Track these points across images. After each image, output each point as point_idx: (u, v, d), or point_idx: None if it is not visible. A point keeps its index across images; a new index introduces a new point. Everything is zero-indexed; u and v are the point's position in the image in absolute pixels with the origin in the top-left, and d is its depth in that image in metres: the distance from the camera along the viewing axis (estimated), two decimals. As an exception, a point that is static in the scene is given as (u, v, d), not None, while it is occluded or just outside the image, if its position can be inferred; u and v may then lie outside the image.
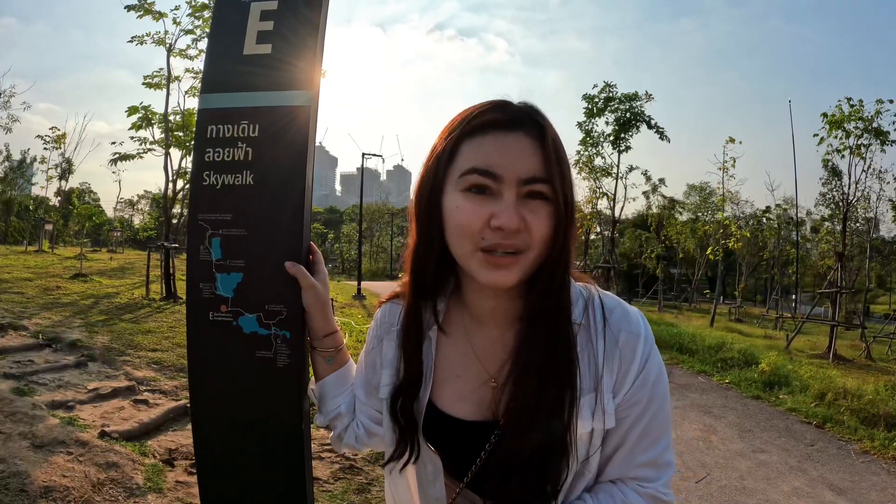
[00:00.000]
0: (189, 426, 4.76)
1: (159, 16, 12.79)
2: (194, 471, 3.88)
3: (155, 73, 13.50)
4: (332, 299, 1.31)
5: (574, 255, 0.98)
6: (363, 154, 23.68)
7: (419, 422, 1.04)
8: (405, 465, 1.05)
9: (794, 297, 31.02)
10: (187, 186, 13.73)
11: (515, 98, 0.96)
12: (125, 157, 14.23)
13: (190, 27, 12.91)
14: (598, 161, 21.16)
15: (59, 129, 26.92)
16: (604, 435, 0.98)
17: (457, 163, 0.93)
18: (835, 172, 15.61)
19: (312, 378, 1.31)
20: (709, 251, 20.69)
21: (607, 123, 20.79)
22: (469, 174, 0.90)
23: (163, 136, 13.36)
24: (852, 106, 13.74)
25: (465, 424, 1.02)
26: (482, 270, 0.91)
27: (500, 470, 0.96)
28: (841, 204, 15.01)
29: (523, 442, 0.94)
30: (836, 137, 14.08)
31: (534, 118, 0.92)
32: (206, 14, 12.41)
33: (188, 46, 13.13)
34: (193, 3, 12.61)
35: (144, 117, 13.40)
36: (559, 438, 0.93)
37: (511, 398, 0.96)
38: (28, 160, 33.88)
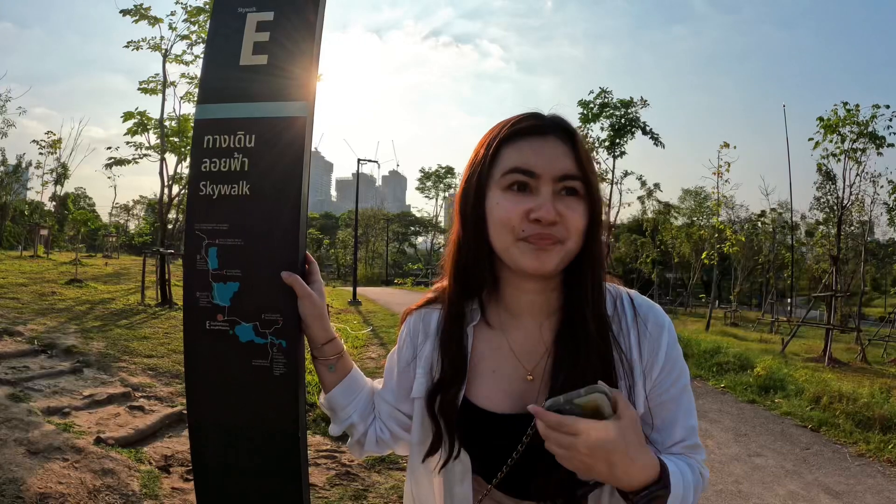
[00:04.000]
0: (185, 432, 4.76)
1: (155, 21, 12.82)
2: (190, 477, 3.88)
3: (151, 79, 13.52)
4: (327, 305, 1.32)
5: (604, 252, 1.04)
6: (359, 159, 23.67)
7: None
8: (444, 464, 1.07)
9: (789, 300, 31.13)
10: (183, 192, 13.74)
11: (546, 111, 1.05)
12: (120, 162, 14.26)
13: (186, 32, 12.95)
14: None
15: (54, 134, 26.95)
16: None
17: (498, 165, 1.01)
18: (829, 176, 15.70)
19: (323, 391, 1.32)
20: (704, 255, 20.77)
21: (602, 129, 20.88)
22: (510, 173, 0.99)
23: (158, 141, 13.37)
24: (848, 110, 13.83)
25: (500, 418, 1.04)
26: (524, 257, 0.98)
27: (540, 463, 0.98)
28: (835, 207, 15.09)
29: None
30: (831, 141, 14.18)
31: (564, 126, 1.02)
32: (202, 19, 12.43)
33: (184, 52, 13.20)
34: (189, 9, 12.63)
35: (140, 123, 13.44)
36: None
37: (548, 390, 1.00)
38: (23, 165, 33.76)
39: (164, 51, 13.07)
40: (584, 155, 1.00)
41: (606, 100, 20.64)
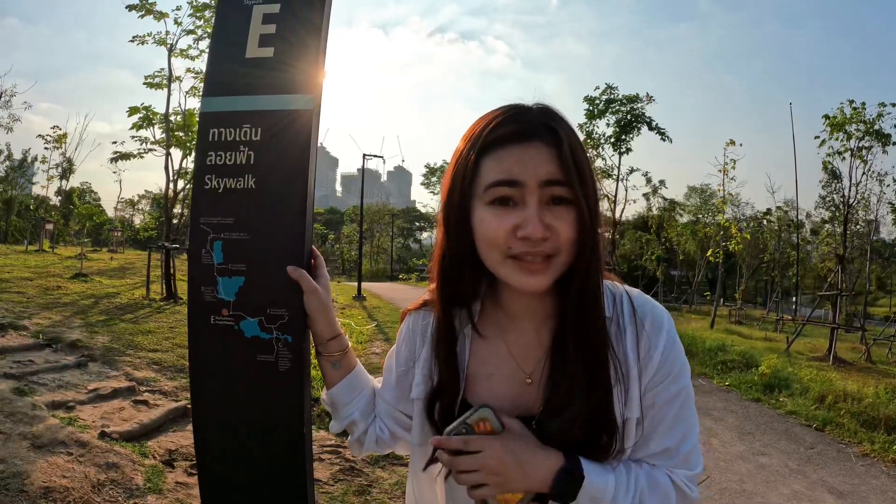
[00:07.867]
0: (189, 427, 4.77)
1: (160, 16, 12.80)
2: (194, 472, 3.88)
3: (156, 74, 13.51)
4: (332, 300, 1.31)
5: (604, 253, 1.00)
6: (364, 155, 23.67)
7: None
8: (449, 473, 1.05)
9: (794, 299, 31.02)
10: (188, 187, 13.73)
11: (530, 101, 0.98)
12: (125, 156, 14.26)
13: (191, 27, 12.93)
14: (598, 163, 21.17)
15: (60, 129, 26.98)
16: (636, 425, 1.00)
17: (480, 177, 0.95)
18: (835, 175, 15.62)
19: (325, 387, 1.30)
20: (709, 253, 20.68)
21: (608, 125, 20.79)
22: (492, 187, 0.93)
23: (163, 136, 13.37)
24: (854, 108, 13.74)
25: None
26: (514, 276, 0.94)
27: None
28: (841, 206, 15.02)
29: (560, 435, 0.96)
30: (837, 140, 14.08)
31: (549, 125, 0.94)
32: (208, 14, 12.41)
33: (189, 46, 13.15)
34: (194, 4, 12.61)
35: (145, 117, 13.41)
36: (598, 432, 0.96)
37: (546, 394, 0.99)
38: (29, 159, 33.91)
39: (169, 46, 13.06)
40: (571, 157, 0.92)
41: (612, 96, 20.56)
